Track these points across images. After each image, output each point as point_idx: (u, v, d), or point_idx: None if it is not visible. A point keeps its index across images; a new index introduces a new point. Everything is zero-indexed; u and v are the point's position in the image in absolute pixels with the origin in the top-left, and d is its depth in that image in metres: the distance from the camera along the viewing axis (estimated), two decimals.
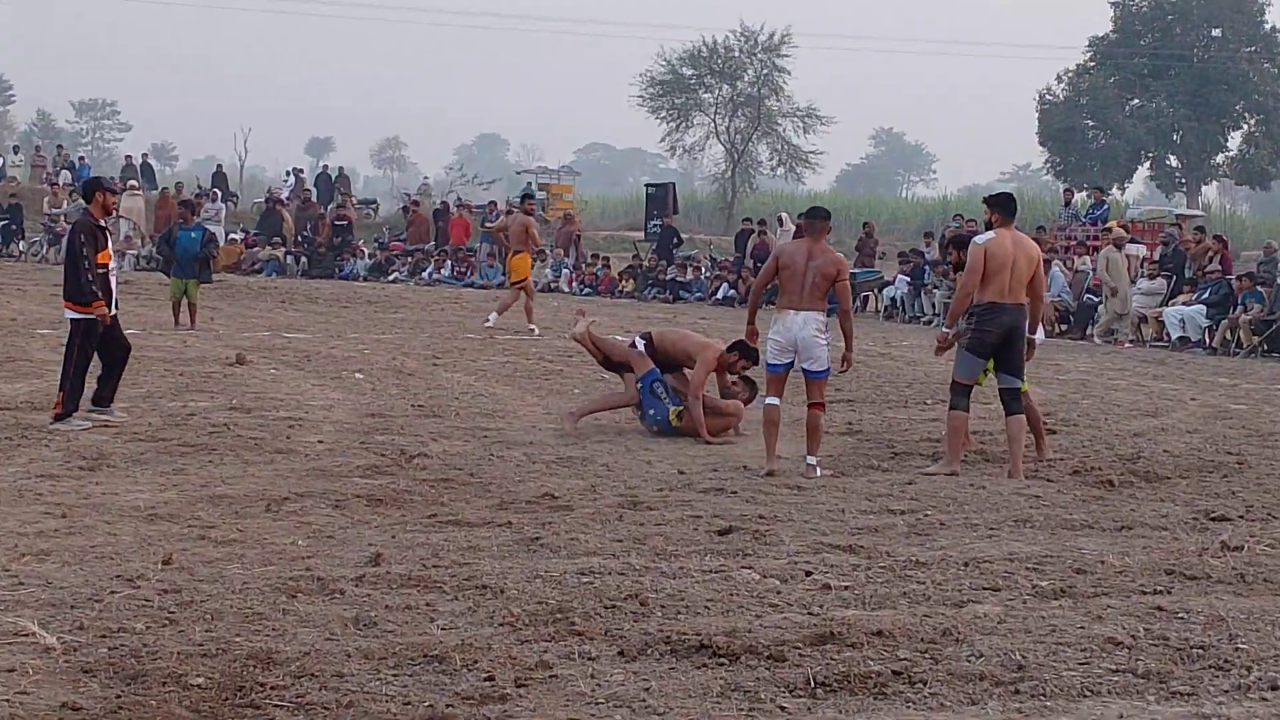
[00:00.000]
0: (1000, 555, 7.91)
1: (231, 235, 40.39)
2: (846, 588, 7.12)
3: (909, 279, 30.84)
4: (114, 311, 12.77)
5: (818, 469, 11.08)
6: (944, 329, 11.47)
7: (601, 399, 13.67)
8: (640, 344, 13.36)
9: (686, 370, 13.22)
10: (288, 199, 45.08)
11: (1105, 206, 35.05)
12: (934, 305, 29.77)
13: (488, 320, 24.01)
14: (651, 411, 13.01)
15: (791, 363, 11.36)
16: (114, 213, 13.23)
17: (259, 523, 8.68)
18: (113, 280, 12.78)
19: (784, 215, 36.35)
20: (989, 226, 11.47)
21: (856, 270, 32.73)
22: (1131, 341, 24.95)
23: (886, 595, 6.99)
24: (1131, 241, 28.66)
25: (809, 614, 6.57)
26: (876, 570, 7.55)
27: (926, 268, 30.53)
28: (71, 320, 12.71)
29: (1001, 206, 11.45)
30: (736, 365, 13.14)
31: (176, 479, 10.08)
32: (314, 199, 44.71)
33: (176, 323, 22.31)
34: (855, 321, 12.02)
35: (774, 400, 11.39)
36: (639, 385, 13.08)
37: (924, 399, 15.91)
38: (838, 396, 16.04)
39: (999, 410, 14.95)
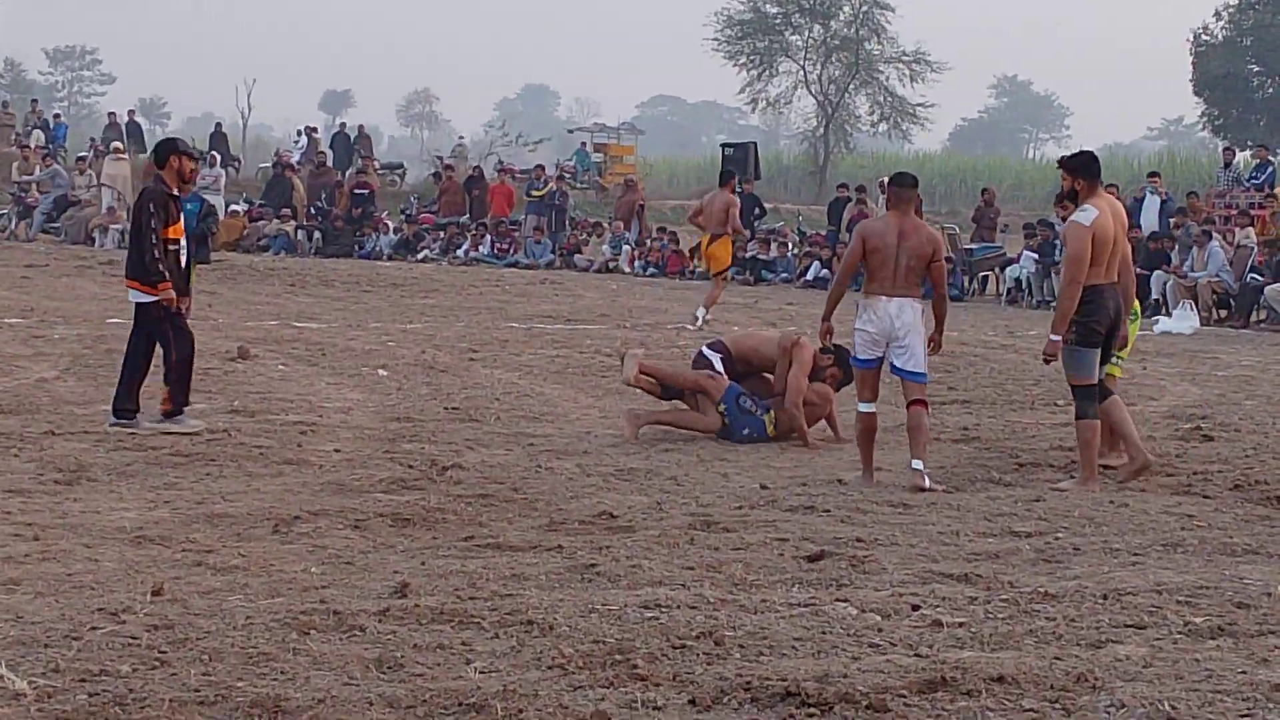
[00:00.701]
0: (1146, 586, 7.86)
1: (233, 206, 40.69)
2: (961, 625, 7.10)
3: (1036, 256, 30.68)
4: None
5: (926, 477, 11.10)
6: (1053, 336, 11.26)
7: (675, 415, 13.49)
8: (716, 359, 13.40)
9: (767, 374, 13.44)
10: (299, 163, 45.40)
11: (1271, 168, 34.75)
12: None
13: (695, 318, 23.60)
14: (746, 431, 13.08)
15: (883, 357, 11.38)
16: (193, 181, 13.45)
17: (265, 546, 8.75)
18: (183, 260, 13.01)
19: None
20: (1074, 196, 11.31)
21: (974, 246, 32.73)
22: None
23: (1009, 634, 6.96)
24: None
25: (916, 656, 6.55)
26: (997, 604, 7.52)
27: (1058, 242, 30.34)
28: (140, 305, 12.93)
29: (1087, 170, 11.31)
30: (826, 373, 13.29)
31: (168, 495, 10.16)
32: (330, 163, 44.99)
33: None
34: (974, 306, 12.00)
35: (870, 407, 11.41)
36: (722, 408, 13.10)
37: (1054, 399, 15.81)
38: (950, 396, 16.01)
39: (1138, 411, 14.89)
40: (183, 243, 13.03)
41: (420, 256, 38.35)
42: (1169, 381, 17.86)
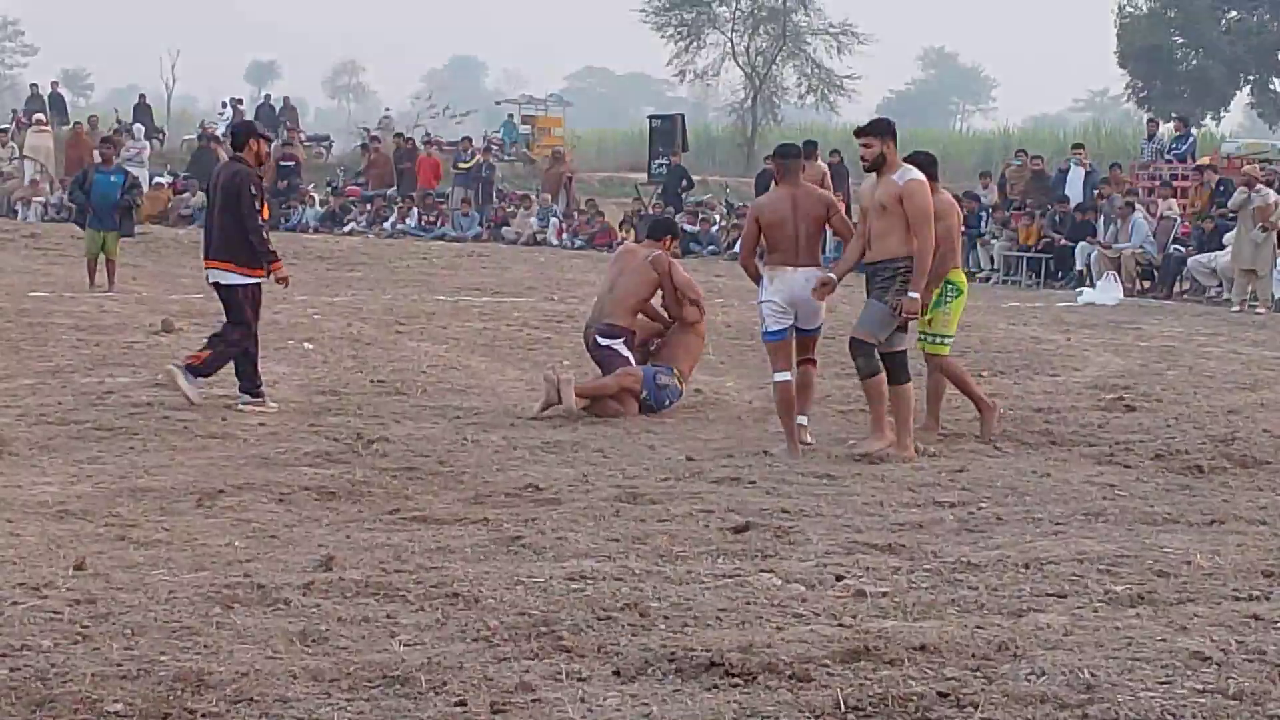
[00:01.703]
0: (1068, 555, 7.93)
1: (157, 179, 40.39)
2: (884, 594, 7.14)
3: (963, 228, 30.74)
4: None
5: (809, 433, 11.54)
6: (912, 293, 11.07)
7: (600, 408, 13.22)
8: (619, 345, 13.28)
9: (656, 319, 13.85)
10: (224, 135, 45.05)
11: (1192, 139, 35.02)
12: (993, 259, 29.75)
13: None
14: (669, 403, 13.10)
15: (794, 325, 11.48)
16: (265, 164, 13.61)
17: (189, 520, 8.71)
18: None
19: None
20: (877, 167, 11.23)
21: None
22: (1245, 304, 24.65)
23: (932, 603, 7.01)
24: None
25: (839, 626, 6.59)
26: (920, 574, 7.58)
27: (984, 214, 30.50)
28: (229, 286, 13.01)
29: (893, 132, 11.29)
30: (673, 248, 13.73)
31: (91, 469, 10.10)
32: None
33: (92, 283, 22.35)
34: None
35: (785, 376, 11.48)
36: (644, 395, 13.01)
37: (979, 369, 15.90)
38: None
39: (1061, 381, 15.00)
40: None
41: (347, 229, 38.15)
42: (1093, 352, 17.99)
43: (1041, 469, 10.72)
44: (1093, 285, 26.45)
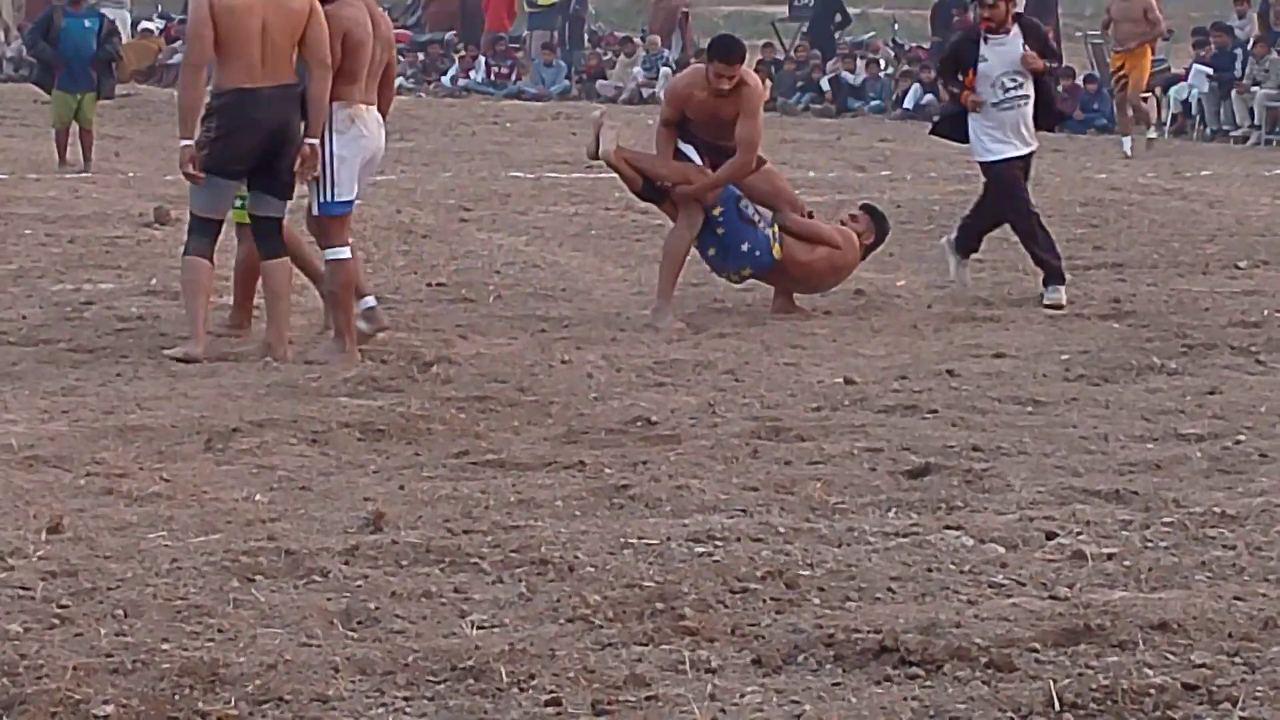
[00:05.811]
0: None
1: (144, 24, 40.59)
2: (1110, 557, 7.12)
3: (1210, 71, 30.48)
4: None
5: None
6: (183, 141, 11.09)
7: (669, 269, 13.21)
8: (691, 151, 13.09)
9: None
10: None
11: None
12: (1253, 113, 29.32)
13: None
14: (745, 246, 12.86)
15: None
16: None
17: (195, 467, 8.77)
18: None
19: None
20: None
21: None
22: None
23: (1175, 568, 6.99)
24: None
25: (1051, 598, 6.59)
26: (1159, 529, 7.55)
27: (1239, 52, 30.12)
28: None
29: None
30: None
31: (68, 402, 10.17)
32: None
33: (62, 160, 22.49)
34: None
35: (349, 252, 11.63)
36: (719, 212, 12.82)
37: (1235, 260, 15.77)
38: (1097, 258, 15.94)
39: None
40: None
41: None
42: None
43: None
44: None
